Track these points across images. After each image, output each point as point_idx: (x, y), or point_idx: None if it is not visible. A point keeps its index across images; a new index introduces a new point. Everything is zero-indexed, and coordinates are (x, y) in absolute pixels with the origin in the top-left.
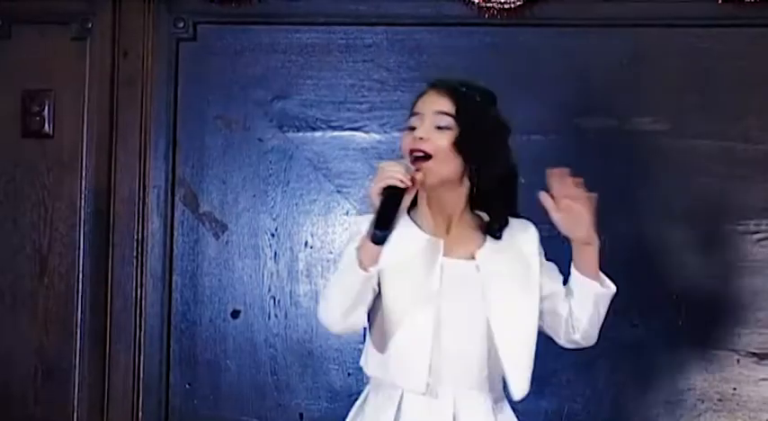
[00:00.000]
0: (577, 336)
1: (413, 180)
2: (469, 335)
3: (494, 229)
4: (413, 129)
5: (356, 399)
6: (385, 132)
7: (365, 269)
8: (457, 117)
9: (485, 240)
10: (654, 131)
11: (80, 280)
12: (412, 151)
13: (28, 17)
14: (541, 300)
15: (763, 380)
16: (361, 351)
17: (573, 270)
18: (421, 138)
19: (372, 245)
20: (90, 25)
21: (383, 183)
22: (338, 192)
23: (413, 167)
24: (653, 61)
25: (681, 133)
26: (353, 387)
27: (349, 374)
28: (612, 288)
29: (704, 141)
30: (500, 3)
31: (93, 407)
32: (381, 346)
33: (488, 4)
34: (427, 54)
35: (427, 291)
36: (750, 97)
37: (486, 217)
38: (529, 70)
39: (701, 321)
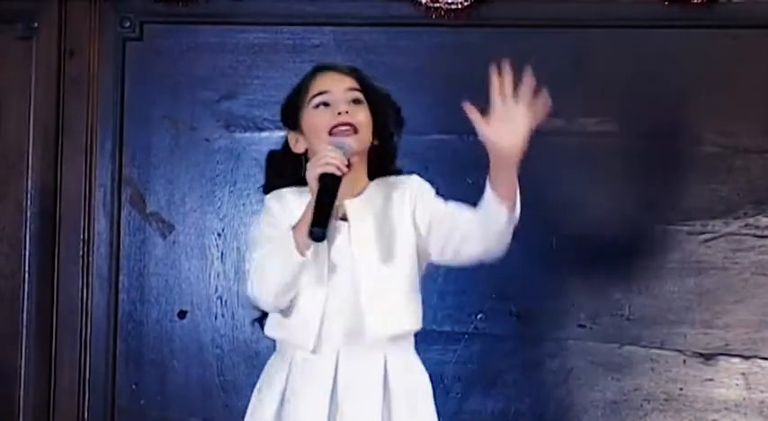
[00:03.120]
0: (474, 251)
1: (348, 166)
2: (345, 289)
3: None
4: (321, 105)
5: None
6: None
7: (302, 253)
8: (364, 92)
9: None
10: (601, 132)
11: (26, 280)
12: (338, 125)
13: None
14: (425, 231)
15: (710, 380)
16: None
17: (488, 187)
18: (347, 112)
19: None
20: (36, 25)
21: (321, 169)
22: None
23: (349, 152)
24: (600, 62)
25: (627, 134)
26: None
27: None
28: (517, 215)
29: (650, 142)
30: (447, 3)
31: (39, 407)
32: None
33: (436, 5)
34: (375, 54)
35: (317, 254)
36: (695, 98)
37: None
38: (476, 71)
39: (648, 321)
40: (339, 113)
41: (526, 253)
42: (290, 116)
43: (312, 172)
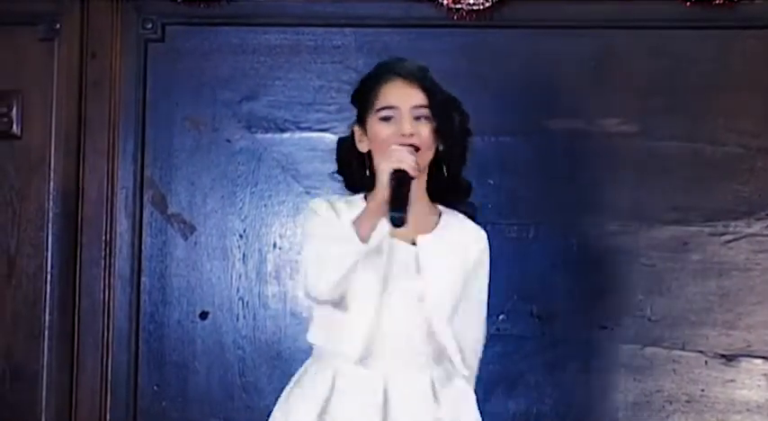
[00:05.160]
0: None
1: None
2: (406, 315)
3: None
4: (387, 119)
5: None
6: None
7: (364, 241)
8: (431, 107)
9: (434, 227)
10: (622, 133)
11: (48, 281)
12: (401, 145)
13: None
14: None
15: (731, 381)
16: None
17: None
18: (411, 134)
19: (373, 219)
20: (58, 26)
21: (396, 165)
22: (307, 193)
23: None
24: (621, 63)
25: (648, 135)
26: None
27: None
28: None
29: (672, 143)
30: (468, 4)
31: (61, 408)
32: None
33: (457, 6)
34: (395, 55)
35: (374, 268)
36: (717, 99)
37: (440, 207)
38: (497, 71)
39: (670, 322)
40: (403, 134)
41: (547, 254)
42: (359, 110)
43: (386, 165)
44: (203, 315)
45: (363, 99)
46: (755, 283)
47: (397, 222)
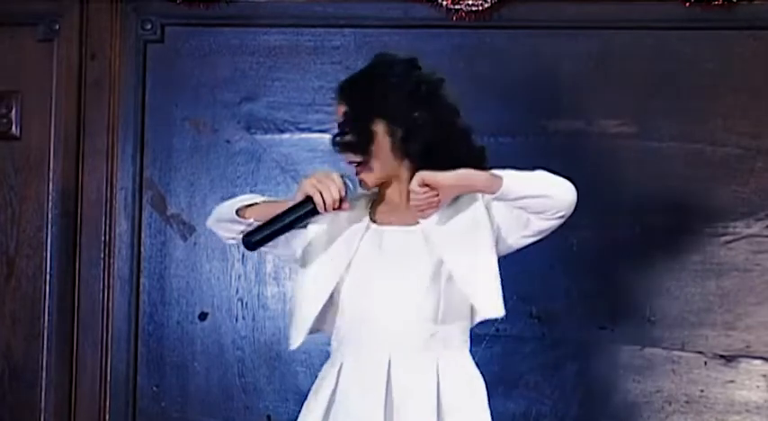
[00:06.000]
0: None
1: (341, 204)
2: (410, 295)
3: None
4: None
5: None
6: None
7: (242, 215)
8: (353, 113)
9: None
10: (621, 134)
11: (47, 281)
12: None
13: None
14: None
15: (731, 382)
16: (328, 353)
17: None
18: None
19: (263, 211)
20: (57, 27)
21: (310, 191)
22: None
23: (355, 191)
24: (620, 63)
25: (648, 135)
26: None
27: (316, 376)
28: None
29: (671, 143)
30: (468, 5)
31: (60, 409)
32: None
33: (456, 7)
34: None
35: (338, 253)
36: (717, 99)
37: None
38: (496, 72)
39: (669, 323)
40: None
41: (547, 255)
42: None
43: (305, 185)
44: (202, 316)
45: None
46: (755, 284)
47: (247, 245)
